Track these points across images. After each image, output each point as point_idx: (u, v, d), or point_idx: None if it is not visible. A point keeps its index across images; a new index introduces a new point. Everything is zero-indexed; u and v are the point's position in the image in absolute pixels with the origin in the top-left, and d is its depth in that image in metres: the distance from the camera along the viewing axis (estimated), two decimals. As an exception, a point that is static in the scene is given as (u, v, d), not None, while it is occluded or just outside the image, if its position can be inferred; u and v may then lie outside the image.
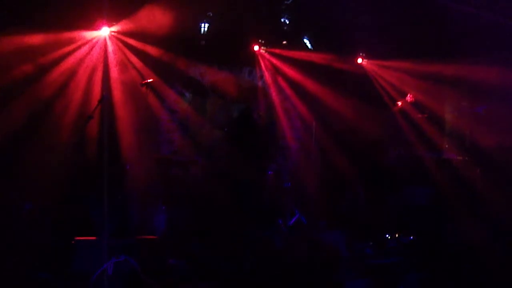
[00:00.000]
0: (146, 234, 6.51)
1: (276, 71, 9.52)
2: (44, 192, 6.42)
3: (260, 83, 9.75)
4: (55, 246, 6.00)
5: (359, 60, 9.90)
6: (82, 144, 6.98)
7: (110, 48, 7.60)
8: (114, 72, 7.61)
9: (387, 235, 7.75)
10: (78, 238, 5.92)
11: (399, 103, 9.51)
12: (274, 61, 9.43)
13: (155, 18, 7.49)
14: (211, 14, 8.46)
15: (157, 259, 6.19)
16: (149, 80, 7.24)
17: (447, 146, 9.80)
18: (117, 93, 7.58)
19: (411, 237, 7.69)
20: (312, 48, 9.43)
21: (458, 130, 9.81)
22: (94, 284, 5.39)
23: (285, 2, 8.67)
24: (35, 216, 6.49)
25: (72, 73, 7.34)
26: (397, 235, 7.77)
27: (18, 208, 6.45)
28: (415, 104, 9.45)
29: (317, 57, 9.29)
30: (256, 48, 9.31)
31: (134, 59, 7.93)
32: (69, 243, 5.87)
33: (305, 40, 9.44)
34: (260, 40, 9.30)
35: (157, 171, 7.86)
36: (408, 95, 9.45)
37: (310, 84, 9.39)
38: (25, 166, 6.56)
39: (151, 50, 8.01)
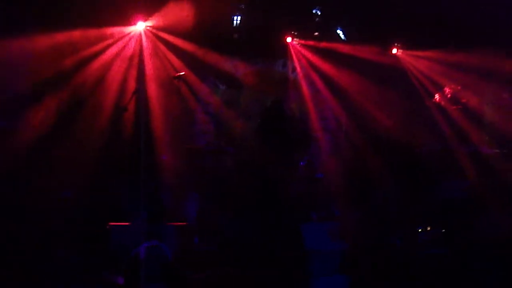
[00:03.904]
0: (178, 221, 6.71)
1: (308, 62, 9.50)
2: (82, 180, 6.73)
3: (292, 75, 9.78)
4: (91, 231, 6.30)
5: (394, 51, 9.74)
6: (117, 135, 7.25)
7: (145, 42, 7.84)
8: (149, 65, 7.85)
9: (419, 228, 7.65)
10: (112, 223, 6.20)
11: (437, 97, 9.29)
12: (307, 53, 9.42)
13: (188, 12, 7.66)
14: (243, 7, 8.56)
15: (187, 244, 6.39)
16: (181, 73, 7.44)
17: (485, 139, 9.53)
18: (151, 86, 7.81)
19: (443, 230, 7.57)
20: (345, 39, 9.38)
21: (497, 122, 9.52)
22: (127, 267, 5.63)
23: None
24: (74, 203, 6.82)
25: (108, 67, 7.62)
26: (428, 228, 7.66)
27: (57, 196, 6.79)
28: (452, 96, 9.22)
29: (350, 48, 9.22)
30: (289, 39, 9.32)
31: (168, 53, 8.14)
32: (104, 228, 6.16)
33: (339, 31, 9.39)
34: (292, 32, 9.30)
35: (190, 160, 8.07)
36: (446, 88, 9.21)
37: (342, 75, 9.32)
38: (63, 155, 6.89)
39: (185, 44, 8.19)
